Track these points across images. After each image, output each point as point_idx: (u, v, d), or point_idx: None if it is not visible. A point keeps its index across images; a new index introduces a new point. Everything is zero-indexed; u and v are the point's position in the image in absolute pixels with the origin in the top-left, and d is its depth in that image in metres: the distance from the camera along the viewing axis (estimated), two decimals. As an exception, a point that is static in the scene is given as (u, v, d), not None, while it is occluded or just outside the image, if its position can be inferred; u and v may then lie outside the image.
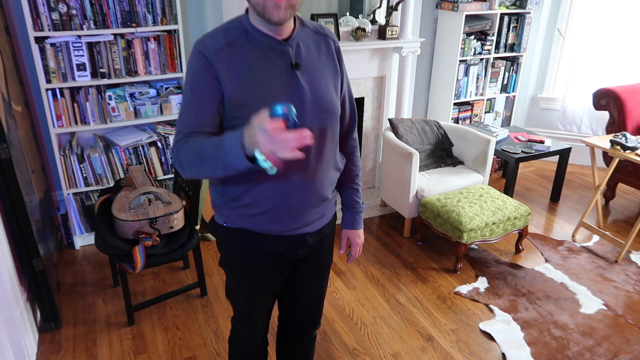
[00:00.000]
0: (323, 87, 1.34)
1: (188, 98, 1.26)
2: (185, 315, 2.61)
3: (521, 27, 4.12)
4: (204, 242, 3.27)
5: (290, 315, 1.72)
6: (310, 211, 1.42)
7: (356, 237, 1.68)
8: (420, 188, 3.25)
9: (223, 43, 1.25)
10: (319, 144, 1.35)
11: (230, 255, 1.51)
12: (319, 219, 1.48)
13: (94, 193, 3.15)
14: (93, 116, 2.98)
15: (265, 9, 1.19)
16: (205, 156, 1.16)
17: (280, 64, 1.27)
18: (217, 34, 1.27)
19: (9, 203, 2.15)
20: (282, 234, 1.42)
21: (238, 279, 1.54)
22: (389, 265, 3.08)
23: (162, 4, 2.94)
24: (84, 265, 3.02)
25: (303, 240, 1.47)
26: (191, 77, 1.26)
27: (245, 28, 1.27)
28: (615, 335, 2.50)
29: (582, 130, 4.51)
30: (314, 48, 1.36)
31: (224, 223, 1.44)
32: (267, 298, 1.57)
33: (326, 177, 1.42)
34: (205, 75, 1.24)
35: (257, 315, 1.59)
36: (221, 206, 1.42)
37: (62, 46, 2.77)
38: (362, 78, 3.63)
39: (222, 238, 1.48)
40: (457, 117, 4.22)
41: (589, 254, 3.21)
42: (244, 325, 1.63)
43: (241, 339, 1.66)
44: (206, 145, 1.16)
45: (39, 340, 2.42)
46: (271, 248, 1.44)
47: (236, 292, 1.57)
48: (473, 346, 2.44)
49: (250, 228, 1.41)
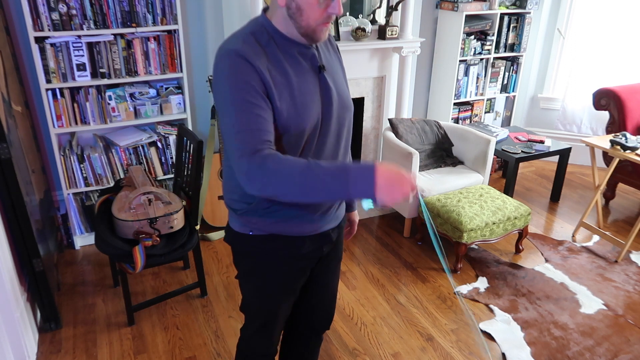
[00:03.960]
0: (342, 86, 1.39)
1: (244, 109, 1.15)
2: (185, 315, 2.61)
3: (521, 27, 4.12)
4: (204, 242, 3.27)
5: (304, 316, 1.69)
6: (334, 207, 1.46)
7: (353, 216, 1.75)
8: (420, 188, 3.25)
9: (258, 49, 1.20)
10: (346, 142, 1.42)
11: (254, 265, 1.47)
12: (339, 213, 1.51)
13: (94, 193, 3.15)
14: (93, 116, 2.98)
15: (315, 33, 1.23)
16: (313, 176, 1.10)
17: (309, 68, 1.30)
18: (249, 40, 1.22)
19: (9, 203, 2.15)
20: (311, 234, 1.43)
21: (261, 289, 1.50)
22: (389, 265, 3.08)
23: (162, 4, 2.93)
24: (84, 265, 3.02)
25: (328, 237, 1.48)
26: (239, 89, 1.15)
27: (270, 34, 1.25)
28: (615, 335, 2.50)
29: (582, 130, 4.51)
30: (325, 48, 1.40)
31: (250, 232, 1.39)
32: (289, 304, 1.56)
33: None
34: (252, 83, 1.16)
35: (277, 325, 1.57)
36: (247, 214, 1.38)
37: (62, 46, 2.77)
38: (362, 78, 3.62)
39: (248, 247, 1.44)
40: (457, 117, 4.22)
41: (589, 254, 3.21)
42: (262, 336, 1.58)
43: (254, 349, 1.61)
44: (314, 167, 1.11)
45: (39, 340, 2.42)
46: (301, 248, 1.43)
47: (259, 302, 1.53)
48: (473, 346, 2.44)
49: (280, 232, 1.39)
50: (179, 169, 2.77)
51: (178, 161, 2.76)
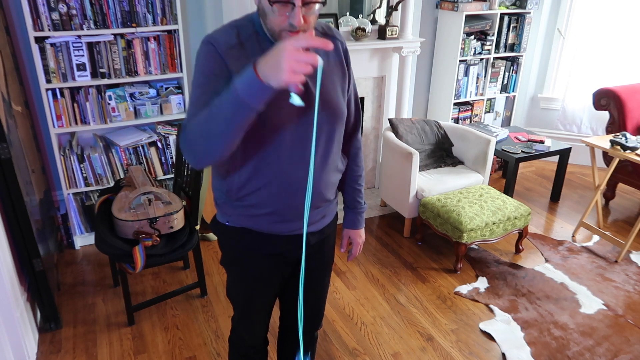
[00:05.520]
0: (331, 91, 1.35)
1: (200, 91, 1.22)
2: (185, 315, 2.61)
3: (521, 27, 4.12)
4: (204, 242, 3.27)
5: (292, 315, 1.71)
6: (312, 212, 1.43)
7: (357, 237, 1.69)
8: (420, 188, 3.25)
9: (235, 41, 1.24)
10: (326, 146, 1.36)
11: (231, 254, 1.52)
12: (321, 219, 1.49)
13: (94, 193, 3.15)
14: (93, 116, 2.98)
15: (280, 38, 1.21)
16: (213, 112, 1.11)
17: None
18: (228, 31, 1.26)
19: (9, 203, 2.15)
20: (284, 234, 1.42)
21: (239, 277, 1.54)
22: (389, 265, 3.08)
23: (162, 4, 2.94)
24: (84, 265, 3.02)
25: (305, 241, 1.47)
26: (202, 72, 1.23)
27: (256, 29, 1.27)
28: (615, 335, 2.50)
29: (582, 130, 4.51)
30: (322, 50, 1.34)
31: (227, 222, 1.44)
32: (267, 297, 1.57)
33: (329, 179, 1.42)
34: (217, 71, 1.22)
35: (257, 314, 1.60)
36: (224, 205, 1.43)
37: (62, 46, 2.77)
38: (362, 78, 3.63)
39: (224, 237, 1.49)
40: (457, 117, 4.22)
41: (589, 254, 3.21)
42: (244, 325, 1.63)
43: (241, 338, 1.67)
44: (213, 103, 1.12)
45: (39, 340, 2.42)
46: (273, 248, 1.45)
47: (236, 291, 1.58)
48: (473, 346, 2.44)
49: (252, 227, 1.41)
50: (179, 169, 2.77)
51: (178, 161, 2.76)
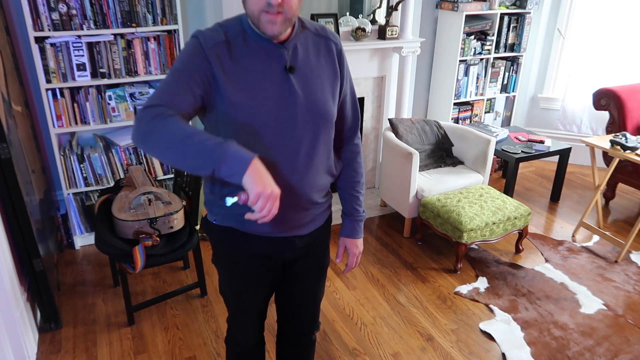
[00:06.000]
0: (318, 92, 1.33)
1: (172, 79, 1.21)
2: (185, 315, 2.61)
3: (521, 27, 4.12)
4: (204, 242, 3.27)
5: (287, 319, 1.71)
6: (298, 215, 1.41)
7: (353, 247, 1.60)
8: (420, 188, 3.25)
9: (221, 39, 1.25)
10: (310, 148, 1.34)
11: (219, 253, 1.52)
12: (310, 222, 1.45)
13: (94, 193, 3.15)
14: (93, 116, 2.98)
15: (260, 23, 1.20)
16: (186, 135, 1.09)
17: (274, 67, 1.27)
18: (216, 30, 1.28)
19: (9, 203, 2.15)
20: (270, 235, 1.41)
21: (228, 275, 1.54)
22: (389, 265, 3.08)
23: (162, 4, 2.94)
24: (84, 265, 3.02)
25: (291, 243, 1.45)
26: (182, 61, 1.23)
27: (244, 28, 1.28)
28: (615, 335, 2.50)
29: (582, 130, 4.51)
30: (313, 51, 1.35)
31: (214, 220, 1.44)
32: (256, 297, 1.56)
33: (316, 182, 1.39)
34: (197, 64, 1.22)
35: (247, 313, 1.59)
36: (211, 204, 1.43)
37: (62, 46, 2.77)
38: (362, 78, 3.63)
39: (213, 235, 1.49)
40: (457, 117, 4.22)
41: (589, 254, 3.21)
42: (236, 323, 1.63)
43: (235, 337, 1.66)
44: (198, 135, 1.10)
45: (39, 340, 2.42)
46: (257, 248, 1.44)
47: (226, 289, 1.58)
48: (473, 346, 2.44)
49: (238, 227, 1.40)
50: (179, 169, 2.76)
51: (178, 161, 2.76)
